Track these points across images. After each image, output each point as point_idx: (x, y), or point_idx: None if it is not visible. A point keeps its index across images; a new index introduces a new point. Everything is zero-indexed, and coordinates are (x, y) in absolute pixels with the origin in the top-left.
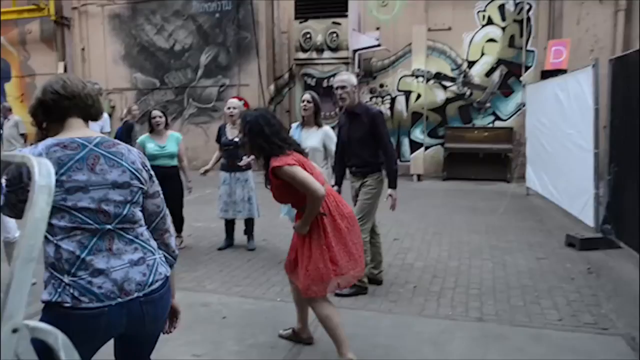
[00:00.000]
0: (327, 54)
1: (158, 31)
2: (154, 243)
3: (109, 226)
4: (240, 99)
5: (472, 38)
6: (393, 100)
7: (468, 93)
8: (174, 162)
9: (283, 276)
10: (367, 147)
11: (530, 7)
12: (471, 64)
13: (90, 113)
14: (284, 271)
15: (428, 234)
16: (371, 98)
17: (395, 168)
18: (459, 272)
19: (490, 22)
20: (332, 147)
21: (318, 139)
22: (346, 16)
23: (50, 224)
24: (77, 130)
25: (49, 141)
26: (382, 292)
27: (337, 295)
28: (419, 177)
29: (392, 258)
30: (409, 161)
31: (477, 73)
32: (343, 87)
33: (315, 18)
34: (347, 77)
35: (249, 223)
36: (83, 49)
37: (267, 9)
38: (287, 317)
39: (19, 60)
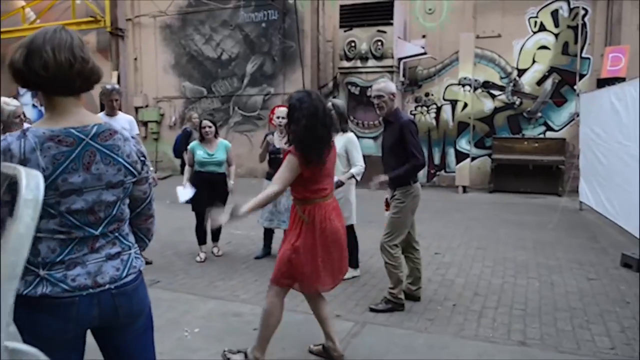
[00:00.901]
0: (371, 62)
1: (206, 41)
2: (131, 238)
3: (96, 232)
4: (285, 107)
5: (523, 45)
6: (439, 109)
7: (518, 102)
8: (222, 170)
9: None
10: (396, 157)
11: (586, 12)
12: (521, 72)
13: (75, 88)
14: None
15: (471, 249)
16: (416, 107)
17: (408, 174)
18: (502, 291)
19: (542, 28)
20: (354, 154)
21: (340, 144)
22: (391, 24)
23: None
24: (70, 114)
25: (40, 131)
26: (420, 309)
27: (372, 310)
28: (465, 189)
29: (432, 273)
30: (454, 172)
31: (527, 81)
32: (379, 97)
33: (360, 26)
34: (383, 86)
35: None
36: (135, 59)
37: (312, 18)
38: (319, 331)
39: None
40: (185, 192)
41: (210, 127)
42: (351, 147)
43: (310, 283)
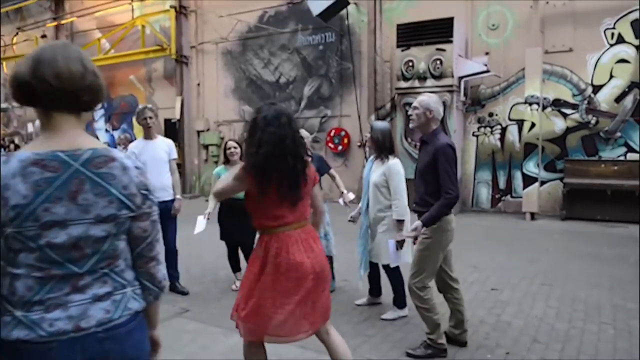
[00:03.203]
0: (430, 82)
1: (265, 65)
2: (128, 275)
3: (80, 270)
4: (340, 130)
5: (599, 59)
6: (504, 130)
7: (593, 121)
8: None
9: (361, 325)
10: (426, 183)
11: None
12: (597, 88)
13: (82, 103)
14: (360, 317)
15: (534, 285)
16: (479, 128)
17: (441, 213)
18: (567, 338)
19: (620, 40)
20: (395, 182)
21: (379, 172)
22: (451, 42)
23: (14, 252)
24: (64, 135)
25: (25, 155)
26: (465, 356)
27: (409, 355)
28: (533, 216)
29: (485, 313)
30: (521, 197)
31: (604, 98)
32: (414, 108)
33: (418, 45)
34: (423, 98)
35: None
36: (198, 84)
37: (369, 38)
38: None
39: (145, 95)
40: (202, 223)
41: (235, 148)
42: (390, 176)
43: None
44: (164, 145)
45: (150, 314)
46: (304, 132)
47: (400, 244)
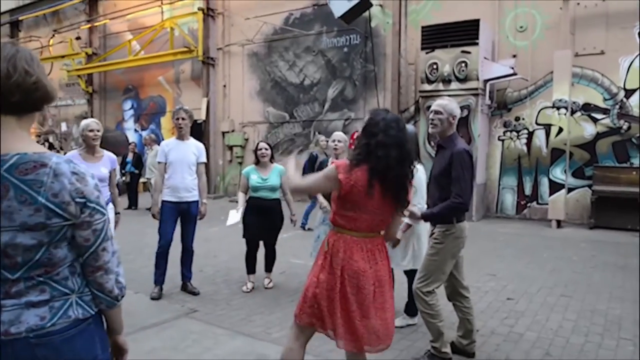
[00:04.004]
0: (454, 85)
1: (290, 67)
2: (74, 282)
3: (12, 277)
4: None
5: (632, 62)
6: (530, 134)
7: (625, 127)
8: (275, 195)
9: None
10: (440, 189)
11: None
12: (629, 92)
13: (13, 104)
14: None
15: (553, 296)
16: (505, 132)
17: (443, 214)
18: (582, 353)
19: None
20: (417, 187)
21: None
22: (477, 44)
23: None
24: None
25: None
26: None
27: None
28: (559, 224)
29: (498, 323)
30: (546, 204)
31: (637, 103)
32: (437, 112)
33: (443, 47)
34: (446, 103)
35: None
36: (224, 86)
37: (393, 41)
38: None
39: (173, 96)
40: (235, 216)
41: (266, 149)
42: (414, 181)
43: (335, 330)
44: (193, 148)
45: (110, 321)
46: (320, 136)
47: (394, 243)
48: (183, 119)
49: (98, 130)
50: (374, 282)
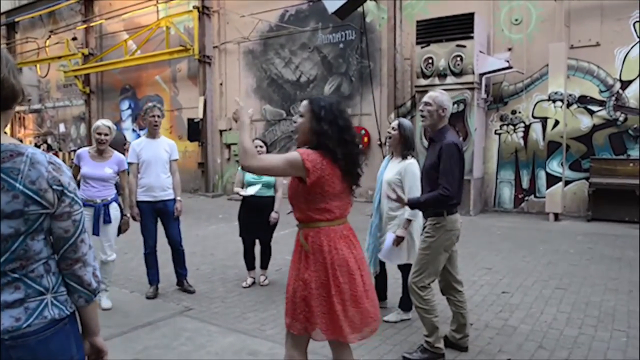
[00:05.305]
0: (450, 79)
1: (286, 64)
2: (48, 281)
3: None
4: (360, 129)
5: (627, 54)
6: (527, 128)
7: (622, 118)
8: (270, 192)
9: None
10: (431, 182)
11: None
12: (626, 84)
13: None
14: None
15: (548, 289)
16: (501, 126)
17: (428, 204)
18: (575, 345)
19: None
20: (410, 182)
21: (395, 171)
22: (472, 38)
23: None
24: None
25: None
26: None
27: (405, 359)
28: (557, 217)
29: (492, 317)
30: (544, 197)
31: (633, 95)
32: (427, 104)
33: (438, 42)
34: (436, 95)
35: None
36: (221, 84)
37: (389, 36)
38: None
39: (170, 95)
40: (252, 189)
41: (261, 146)
42: (406, 176)
43: (329, 328)
44: (165, 146)
45: (85, 321)
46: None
47: (398, 241)
48: (158, 116)
49: (106, 134)
50: (359, 267)
